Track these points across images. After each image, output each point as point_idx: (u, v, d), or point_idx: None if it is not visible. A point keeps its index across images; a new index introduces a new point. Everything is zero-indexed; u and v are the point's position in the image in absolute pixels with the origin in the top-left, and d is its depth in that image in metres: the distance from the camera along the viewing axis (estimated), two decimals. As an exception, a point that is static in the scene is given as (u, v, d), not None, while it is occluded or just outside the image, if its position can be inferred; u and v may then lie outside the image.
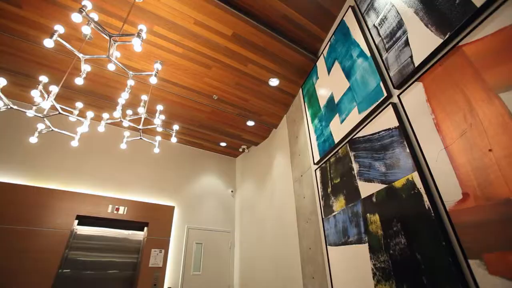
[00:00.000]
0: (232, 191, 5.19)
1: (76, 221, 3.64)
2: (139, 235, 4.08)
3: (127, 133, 2.82)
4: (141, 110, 2.50)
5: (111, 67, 2.08)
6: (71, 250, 3.47)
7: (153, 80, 2.15)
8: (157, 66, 2.24)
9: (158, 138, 2.91)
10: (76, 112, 2.30)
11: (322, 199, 2.69)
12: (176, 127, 2.92)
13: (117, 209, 3.88)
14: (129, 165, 4.35)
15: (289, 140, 3.87)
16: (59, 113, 2.16)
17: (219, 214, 4.88)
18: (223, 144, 5.14)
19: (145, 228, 4.08)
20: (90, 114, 2.38)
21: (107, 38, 1.85)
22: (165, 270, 3.85)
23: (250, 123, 4.39)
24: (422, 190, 1.52)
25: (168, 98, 3.74)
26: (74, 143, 2.36)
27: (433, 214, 1.43)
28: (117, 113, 2.36)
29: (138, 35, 1.77)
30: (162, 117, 2.76)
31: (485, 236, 1.19)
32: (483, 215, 1.21)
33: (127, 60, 3.10)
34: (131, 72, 2.18)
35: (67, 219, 3.50)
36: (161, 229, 4.07)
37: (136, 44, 1.81)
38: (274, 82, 3.55)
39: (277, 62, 3.24)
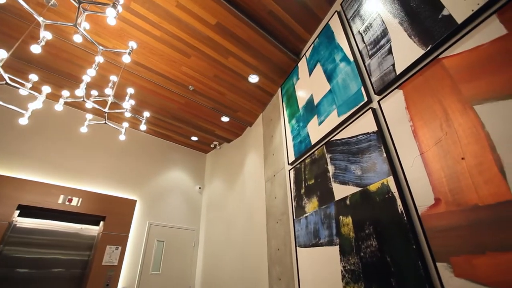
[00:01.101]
0: (199, 188, 5.00)
1: (17, 212, 3.20)
2: (93, 230, 3.72)
3: (89, 116, 2.54)
4: (109, 91, 2.26)
5: (77, 38, 1.83)
6: (6, 245, 3.02)
7: (127, 59, 1.95)
8: (132, 44, 2.04)
9: (125, 124, 2.66)
10: (29, 85, 1.99)
11: (294, 200, 2.69)
12: (146, 113, 2.71)
13: (70, 200, 3.50)
14: (89, 152, 3.95)
15: (264, 139, 3.84)
16: (6, 83, 1.84)
17: (184, 211, 4.66)
18: (194, 138, 4.94)
19: (101, 223, 3.73)
20: (46, 89, 2.08)
21: (76, 4, 1.62)
22: (121, 268, 3.56)
23: (225, 118, 4.27)
24: (396, 194, 1.56)
25: (139, 83, 3.47)
26: (23, 121, 2.02)
27: (405, 218, 1.48)
28: (80, 92, 2.10)
29: (114, 6, 1.58)
30: (132, 102, 2.53)
31: (453, 240, 1.25)
32: (452, 220, 1.26)
33: (96, 37, 2.81)
34: (101, 47, 1.96)
35: (5, 209, 3.05)
36: (119, 224, 3.76)
37: (110, 16, 1.62)
38: (253, 78, 3.49)
39: (259, 58, 3.19)
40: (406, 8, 1.74)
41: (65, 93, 2.26)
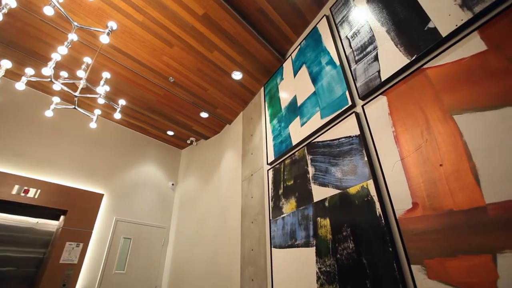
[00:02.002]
0: (172, 184, 4.81)
1: (-39, 202, 2.84)
2: (52, 225, 3.41)
3: (56, 99, 2.31)
4: (81, 74, 2.07)
5: (48, 11, 1.65)
6: None
7: (105, 39, 1.80)
8: (112, 25, 1.88)
9: (97, 111, 2.47)
10: (-15, 58, 1.76)
11: (271, 200, 2.66)
12: (122, 101, 2.53)
13: (26, 191, 3.17)
14: (53, 139, 3.62)
15: (243, 138, 3.78)
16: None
17: (155, 208, 4.44)
18: (170, 133, 4.74)
19: (62, 217, 3.44)
20: (6, 63, 1.84)
21: (50, -28, 1.46)
22: (81, 267, 3.29)
23: (204, 114, 4.16)
24: (375, 198, 1.59)
25: (115, 70, 3.25)
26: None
27: (383, 221, 1.51)
28: (47, 71, 1.89)
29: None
30: (107, 88, 2.35)
31: (428, 243, 1.29)
32: (428, 224, 1.31)
33: (71, 14, 2.56)
34: (76, 23, 1.78)
35: None
36: (82, 219, 3.47)
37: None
38: (237, 75, 3.43)
39: (245, 55, 3.13)
40: (394, 18, 1.80)
41: (29, 71, 2.03)
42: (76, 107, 2.30)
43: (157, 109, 4.04)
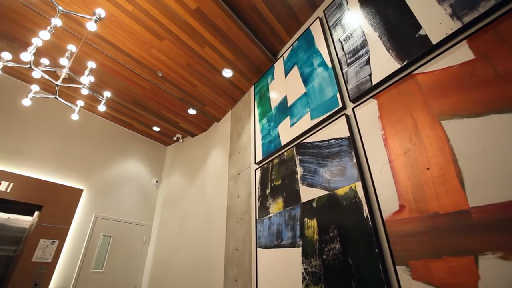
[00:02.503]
0: (156, 181, 4.68)
1: None
2: (25, 221, 3.22)
3: (35, 87, 2.18)
4: (64, 62, 1.96)
5: (31, -8, 1.55)
6: None
7: (92, 27, 1.71)
8: (100, 12, 1.80)
9: (80, 103, 2.35)
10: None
11: (258, 200, 2.65)
12: (107, 93, 2.42)
13: (-2, 185, 2.97)
14: (29, 130, 3.41)
15: (231, 136, 3.74)
16: None
17: (137, 205, 4.30)
18: (156, 128, 4.62)
19: (36, 213, 3.25)
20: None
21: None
22: (55, 266, 3.12)
23: (192, 111, 4.08)
24: (363, 200, 1.61)
25: (101, 61, 3.12)
26: None
27: (370, 223, 1.53)
28: (26, 56, 1.77)
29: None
30: (91, 78, 2.24)
31: (413, 245, 1.31)
32: (414, 226, 1.33)
33: (54, -2, 2.44)
34: (60, 8, 1.69)
35: None
36: (59, 216, 3.30)
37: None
38: (227, 73, 3.38)
39: (236, 53, 3.10)
40: (387, 23, 1.83)
41: (6, 55, 1.90)
42: (57, 97, 2.18)
43: (144, 103, 3.92)
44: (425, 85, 1.49)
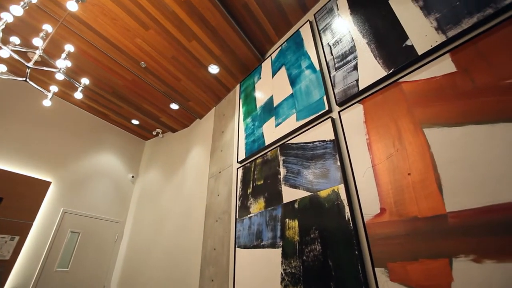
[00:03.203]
0: (132, 177, 4.48)
1: None
2: (-20, 213, 2.94)
3: (2, 67, 1.98)
4: (38, 42, 1.80)
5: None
6: None
7: (73, 7, 1.58)
8: (82, -9, 1.67)
9: (54, 88, 2.18)
10: None
11: (239, 199, 2.61)
12: (85, 80, 2.26)
13: (-50, 172, 2.68)
14: (-9, 115, 3.13)
15: (213, 134, 3.68)
16: None
17: (110, 201, 4.08)
18: (135, 122, 4.42)
19: (-6, 205, 2.98)
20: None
21: None
22: (14, 264, 2.87)
23: (174, 106, 3.96)
24: (345, 202, 1.63)
25: (79, 46, 2.92)
26: None
27: (351, 225, 1.55)
28: (-6, 32, 1.61)
29: None
30: (68, 62, 2.08)
31: (392, 247, 1.35)
32: (393, 229, 1.37)
33: (29, -28, 2.24)
34: (38, -18, 1.55)
35: None
36: (22, 209, 3.04)
37: None
38: (214, 69, 3.32)
39: (224, 49, 3.05)
40: (375, 32, 1.88)
41: (-30, 29, 1.71)
42: (28, 80, 2.00)
43: (123, 95, 3.73)
44: (409, 94, 1.55)
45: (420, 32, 1.61)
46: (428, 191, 1.30)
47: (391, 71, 1.67)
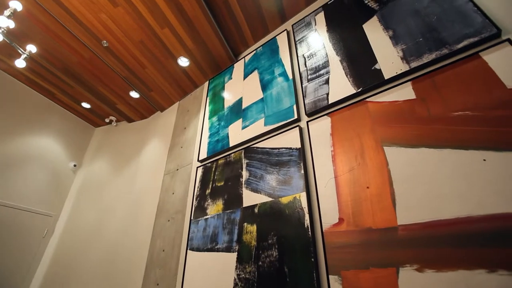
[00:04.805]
0: (75, 165, 3.98)
1: None
2: None
3: None
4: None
5: None
6: None
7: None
8: None
9: (-13, 49, 1.82)
10: None
11: (196, 199, 2.50)
12: (32, 48, 1.94)
13: None
14: None
15: (174, 129, 3.49)
16: None
17: (43, 190, 3.54)
18: (86, 105, 3.96)
19: None
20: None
21: None
22: None
23: (135, 94, 3.66)
24: (306, 210, 1.67)
25: (32, 12, 2.50)
26: None
27: (310, 233, 1.58)
28: None
29: None
30: (11, 22, 1.77)
31: (346, 256, 1.41)
32: (349, 238, 1.44)
33: None
34: None
35: None
36: None
37: None
38: (184, 62, 3.17)
39: (198, 43, 2.93)
40: (349, 51, 2.00)
41: None
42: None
43: (76, 73, 3.32)
44: (374, 113, 1.66)
45: (388, 58, 1.75)
46: (384, 205, 1.39)
47: (359, 89, 1.78)
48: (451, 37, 1.54)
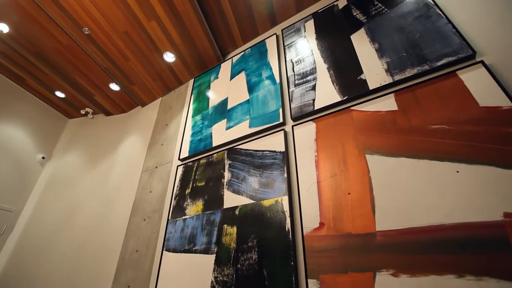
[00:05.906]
0: (43, 158, 3.71)
1: None
2: None
3: None
4: None
5: None
6: None
7: None
8: None
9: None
10: None
11: (175, 199, 2.43)
12: (4, 27, 1.79)
13: None
14: None
15: (155, 126, 3.38)
16: None
17: (5, 184, 3.26)
18: (60, 94, 3.72)
19: None
20: None
21: None
22: None
23: (115, 87, 3.50)
24: (288, 213, 1.67)
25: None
26: None
27: (290, 236, 1.59)
28: None
29: None
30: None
31: (325, 260, 1.43)
32: (329, 243, 1.46)
33: None
34: None
35: None
36: None
37: None
38: (169, 57, 3.08)
39: (185, 39, 2.87)
40: (336, 60, 2.05)
41: None
42: None
43: (51, 60, 3.11)
44: (358, 121, 1.71)
45: (373, 70, 1.82)
46: (363, 211, 1.43)
47: (345, 98, 1.83)
48: (432, 55, 1.63)
